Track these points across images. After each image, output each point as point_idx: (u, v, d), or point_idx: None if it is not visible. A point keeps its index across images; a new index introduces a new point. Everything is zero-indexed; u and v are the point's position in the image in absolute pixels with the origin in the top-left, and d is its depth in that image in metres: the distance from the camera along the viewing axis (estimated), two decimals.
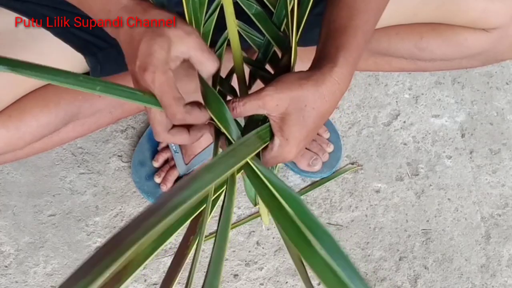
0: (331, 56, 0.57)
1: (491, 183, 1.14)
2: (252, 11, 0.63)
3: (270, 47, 0.65)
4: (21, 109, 0.71)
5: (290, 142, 0.58)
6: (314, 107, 0.57)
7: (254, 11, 0.63)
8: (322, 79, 0.56)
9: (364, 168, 1.13)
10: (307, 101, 0.56)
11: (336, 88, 0.57)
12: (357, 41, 0.59)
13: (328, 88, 0.56)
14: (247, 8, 0.63)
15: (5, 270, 1.01)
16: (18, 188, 1.06)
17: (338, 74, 0.57)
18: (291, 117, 0.57)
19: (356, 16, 0.60)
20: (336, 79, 0.57)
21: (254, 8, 0.63)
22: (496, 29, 0.78)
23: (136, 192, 1.07)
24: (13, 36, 0.67)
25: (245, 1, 0.62)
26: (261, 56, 0.66)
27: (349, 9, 0.60)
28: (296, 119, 0.57)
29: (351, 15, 0.60)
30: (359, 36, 0.59)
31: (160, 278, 1.02)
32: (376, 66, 0.94)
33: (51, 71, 0.48)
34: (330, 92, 0.57)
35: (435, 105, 1.19)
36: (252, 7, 0.62)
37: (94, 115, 0.82)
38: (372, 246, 1.07)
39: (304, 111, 0.56)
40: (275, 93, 0.55)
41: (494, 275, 1.06)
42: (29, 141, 0.74)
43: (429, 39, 0.82)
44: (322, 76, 0.56)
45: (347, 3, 0.61)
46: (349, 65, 0.58)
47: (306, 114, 0.57)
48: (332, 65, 0.57)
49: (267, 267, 1.04)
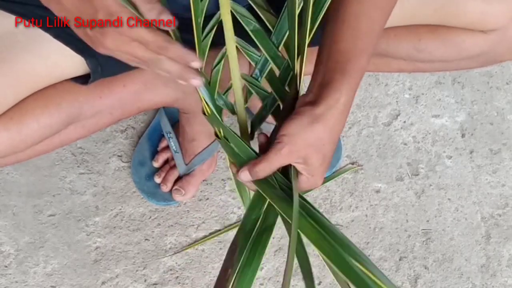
0: (335, 84, 0.59)
1: (491, 183, 1.14)
2: (250, 28, 0.63)
3: (267, 64, 0.66)
4: (22, 111, 0.70)
5: (315, 176, 0.62)
6: (330, 142, 0.61)
7: (253, 28, 0.63)
8: (331, 115, 0.59)
9: (364, 168, 1.13)
10: (323, 141, 0.60)
11: (344, 115, 0.60)
12: (361, 65, 0.61)
13: (337, 120, 0.60)
14: (246, 24, 0.63)
15: (5, 270, 1.01)
16: (18, 188, 1.06)
17: (343, 103, 0.59)
18: (313, 159, 0.60)
19: (360, 40, 0.61)
20: (343, 108, 0.59)
21: (252, 25, 0.63)
22: (495, 31, 0.77)
23: (136, 192, 1.07)
24: (13, 38, 0.67)
25: (244, 18, 0.62)
26: (258, 72, 0.67)
27: (352, 31, 0.61)
28: (317, 159, 0.60)
29: (355, 38, 0.61)
30: (363, 59, 0.61)
31: (160, 278, 1.02)
32: (375, 67, 0.94)
33: None
34: (340, 121, 0.60)
35: (435, 105, 1.19)
36: (251, 24, 0.63)
37: (95, 116, 0.82)
38: (372, 246, 1.07)
39: (324, 149, 0.60)
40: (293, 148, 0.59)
41: (494, 275, 1.07)
42: (31, 143, 0.73)
43: (428, 41, 0.82)
44: (330, 111, 0.59)
45: (351, 24, 0.61)
46: (353, 90, 0.60)
47: (326, 150, 0.61)
48: (338, 96, 0.59)
49: (267, 267, 1.04)
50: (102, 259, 1.03)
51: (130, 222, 1.06)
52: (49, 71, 0.70)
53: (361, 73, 0.61)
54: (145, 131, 1.10)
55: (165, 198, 1.05)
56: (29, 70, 0.68)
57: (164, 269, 1.03)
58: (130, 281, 1.02)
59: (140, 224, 1.06)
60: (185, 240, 1.05)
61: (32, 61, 0.68)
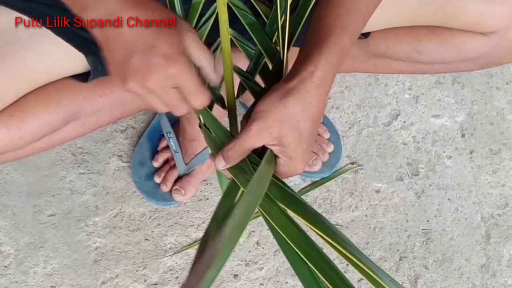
0: (312, 58, 0.57)
1: (491, 183, 1.14)
2: (246, 21, 0.62)
3: (261, 58, 0.65)
4: (22, 108, 0.71)
5: (294, 159, 0.58)
6: (306, 118, 0.56)
7: (249, 21, 0.62)
8: (304, 88, 0.55)
9: (364, 168, 1.13)
10: (297, 116, 0.55)
11: (320, 91, 0.56)
12: (342, 42, 0.58)
13: (312, 94, 0.56)
14: (242, 17, 0.62)
15: (5, 270, 1.01)
16: (18, 188, 1.06)
17: (319, 77, 0.56)
18: (288, 138, 0.56)
19: (343, 16, 0.59)
20: (318, 82, 0.56)
21: (248, 18, 0.62)
22: (495, 33, 0.77)
23: (136, 192, 1.07)
24: (14, 35, 0.67)
25: (241, 11, 0.61)
26: (252, 67, 0.66)
27: (336, 9, 0.59)
28: (293, 137, 0.56)
29: (338, 15, 0.59)
30: (345, 37, 0.59)
31: (160, 278, 1.02)
32: (375, 68, 0.94)
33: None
34: (315, 96, 0.56)
35: (435, 105, 1.19)
36: (247, 17, 0.62)
37: (95, 115, 0.82)
38: (372, 246, 1.07)
39: (298, 126, 0.56)
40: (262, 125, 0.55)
41: (494, 275, 1.07)
42: (30, 140, 0.73)
43: (427, 42, 0.82)
44: (303, 84, 0.56)
45: (335, 2, 0.60)
46: (331, 66, 0.57)
47: (301, 128, 0.56)
48: (312, 69, 0.56)
49: (267, 267, 1.04)
50: (102, 259, 1.03)
51: (130, 222, 1.06)
52: (50, 68, 0.70)
53: (343, 51, 0.58)
54: (145, 131, 1.10)
55: (165, 198, 1.05)
56: (30, 67, 0.68)
57: (164, 269, 1.03)
58: (130, 281, 1.01)
59: (140, 224, 1.05)
60: (185, 240, 1.05)
61: (32, 58, 0.68)
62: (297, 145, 0.57)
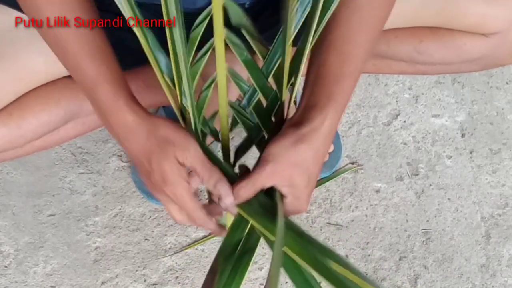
0: (321, 106, 0.59)
1: (491, 183, 1.14)
2: (242, 58, 0.63)
3: (256, 94, 0.66)
4: (22, 107, 0.71)
5: (301, 199, 0.61)
6: (316, 163, 0.60)
7: (245, 58, 0.63)
8: (316, 136, 0.58)
9: (364, 168, 1.13)
10: (308, 162, 0.59)
11: (328, 139, 0.60)
12: (347, 88, 0.60)
13: (322, 143, 0.59)
14: (238, 54, 0.62)
15: (5, 270, 1.01)
16: (18, 188, 1.06)
17: (329, 126, 0.59)
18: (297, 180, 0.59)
19: (346, 63, 0.60)
20: (327, 131, 0.59)
21: (244, 55, 0.63)
22: (496, 34, 0.77)
23: (135, 192, 1.07)
24: (14, 34, 0.67)
25: (237, 48, 0.62)
26: (245, 102, 0.67)
27: (339, 55, 0.60)
28: (302, 180, 0.59)
29: (342, 62, 0.60)
30: (350, 83, 0.61)
31: (160, 278, 1.02)
32: (375, 68, 0.94)
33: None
34: (325, 144, 0.60)
35: (435, 105, 1.19)
36: (243, 54, 0.62)
37: (94, 114, 0.82)
38: (372, 246, 1.07)
39: (308, 170, 0.59)
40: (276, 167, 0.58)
41: (494, 275, 1.06)
42: (30, 139, 0.74)
43: (428, 43, 0.82)
44: (315, 132, 0.58)
45: (336, 47, 0.60)
46: (338, 113, 0.60)
47: (310, 172, 0.60)
48: (322, 119, 0.58)
49: (267, 267, 1.04)
50: (102, 259, 1.03)
51: (130, 222, 1.06)
52: (49, 68, 0.70)
53: (347, 96, 0.61)
54: None
55: None
56: (30, 67, 0.68)
57: (164, 269, 1.03)
58: (130, 281, 1.01)
59: (140, 224, 1.05)
60: (185, 240, 1.05)
61: (32, 57, 0.68)
62: (305, 187, 0.60)
